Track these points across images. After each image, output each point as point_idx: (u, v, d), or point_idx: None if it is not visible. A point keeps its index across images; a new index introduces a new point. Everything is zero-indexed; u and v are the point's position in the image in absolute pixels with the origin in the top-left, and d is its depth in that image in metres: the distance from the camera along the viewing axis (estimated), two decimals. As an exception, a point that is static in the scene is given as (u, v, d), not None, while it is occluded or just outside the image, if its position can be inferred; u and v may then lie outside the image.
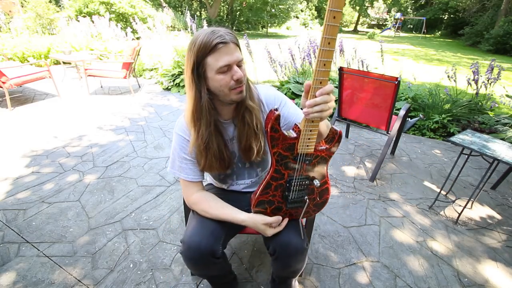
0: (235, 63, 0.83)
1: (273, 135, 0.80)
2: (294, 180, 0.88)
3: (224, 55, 0.81)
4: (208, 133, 0.91)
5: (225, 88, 0.85)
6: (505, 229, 1.81)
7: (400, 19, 21.84)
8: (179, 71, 4.64)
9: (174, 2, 17.70)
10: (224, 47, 0.80)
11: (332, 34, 0.64)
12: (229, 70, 0.83)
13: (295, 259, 0.98)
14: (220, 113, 0.97)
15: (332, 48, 0.66)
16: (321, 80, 0.69)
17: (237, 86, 0.86)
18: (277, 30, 21.16)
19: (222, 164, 0.98)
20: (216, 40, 0.79)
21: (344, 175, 2.36)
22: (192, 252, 0.92)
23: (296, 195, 0.91)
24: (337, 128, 0.86)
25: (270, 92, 1.03)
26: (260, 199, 0.91)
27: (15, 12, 9.67)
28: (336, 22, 0.62)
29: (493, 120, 3.20)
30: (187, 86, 0.88)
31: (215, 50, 0.80)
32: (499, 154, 1.59)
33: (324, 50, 0.65)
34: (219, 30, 0.81)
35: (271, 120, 0.78)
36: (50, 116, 3.37)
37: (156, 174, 2.26)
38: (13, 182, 2.07)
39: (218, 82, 0.84)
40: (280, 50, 4.58)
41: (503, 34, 11.81)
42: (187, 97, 0.90)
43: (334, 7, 0.61)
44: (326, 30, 0.63)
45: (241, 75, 0.84)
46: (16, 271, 1.38)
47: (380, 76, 2.08)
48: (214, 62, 0.81)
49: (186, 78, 0.87)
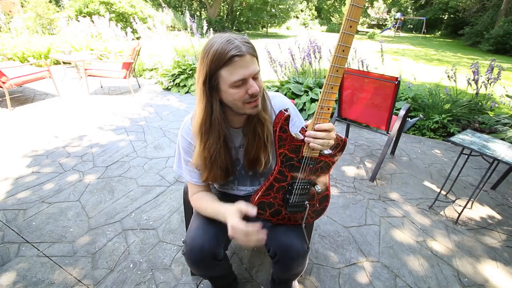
0: (250, 76, 0.78)
1: (281, 135, 0.80)
2: (296, 183, 0.87)
3: (240, 69, 0.75)
4: (217, 146, 0.87)
5: (238, 102, 0.80)
6: (505, 229, 1.81)
7: (400, 19, 21.82)
8: (179, 71, 4.64)
9: (174, 2, 17.70)
10: (240, 60, 0.74)
11: (347, 43, 0.68)
12: (244, 83, 0.78)
13: (296, 262, 0.96)
14: (230, 121, 0.93)
15: (346, 55, 0.70)
16: (332, 86, 0.74)
17: (252, 100, 0.81)
18: (277, 30, 21.16)
19: (226, 174, 0.96)
20: (231, 52, 0.73)
21: (344, 175, 2.36)
22: (194, 254, 0.92)
23: (297, 199, 0.91)
24: (342, 136, 0.85)
25: (283, 104, 0.98)
26: (262, 200, 0.90)
27: (15, 12, 9.67)
28: (352, 32, 0.67)
29: (493, 120, 3.20)
30: (198, 97, 0.83)
31: (229, 63, 0.74)
32: (499, 154, 1.59)
33: (338, 57, 0.70)
34: (235, 39, 0.75)
35: (281, 120, 0.78)
36: (50, 116, 3.37)
37: (156, 174, 2.26)
38: (13, 182, 2.07)
39: (231, 96, 0.79)
40: (280, 50, 4.58)
41: (503, 34, 11.80)
42: (197, 108, 0.85)
43: (352, 17, 0.65)
44: (341, 38, 0.67)
45: (257, 90, 0.79)
46: (16, 271, 1.38)
47: (380, 76, 2.08)
48: (229, 76, 0.75)
49: (197, 89, 0.82)
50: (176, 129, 3.15)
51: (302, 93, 3.73)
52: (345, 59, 0.70)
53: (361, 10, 0.65)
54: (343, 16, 8.67)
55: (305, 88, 3.74)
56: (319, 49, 4.08)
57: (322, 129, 0.76)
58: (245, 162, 0.99)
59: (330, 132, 0.77)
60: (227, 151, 0.93)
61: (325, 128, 0.76)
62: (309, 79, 3.94)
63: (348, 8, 0.64)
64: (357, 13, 0.65)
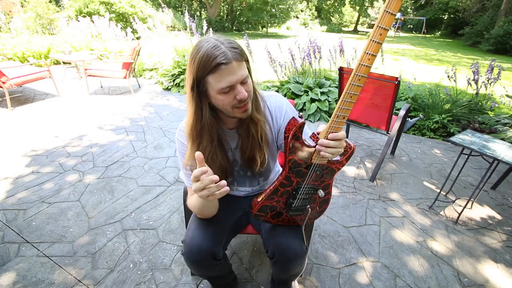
0: (238, 82, 0.76)
1: (294, 143, 0.78)
2: (301, 189, 0.87)
3: (226, 76, 0.73)
4: (212, 147, 0.87)
5: (228, 107, 0.80)
6: (505, 229, 1.81)
7: (400, 19, 21.83)
8: (179, 71, 4.64)
9: (174, 2, 17.70)
10: (226, 68, 0.72)
11: (374, 51, 0.64)
12: (232, 90, 0.77)
13: (295, 263, 0.96)
14: (224, 122, 0.93)
15: (370, 64, 0.66)
16: (352, 95, 0.70)
17: (241, 105, 0.80)
18: (277, 30, 21.16)
19: (224, 175, 0.95)
20: (217, 60, 0.71)
21: (344, 175, 2.36)
22: (193, 254, 0.92)
23: (300, 204, 0.91)
24: (351, 143, 0.83)
25: (278, 103, 0.97)
26: (265, 203, 0.90)
27: (15, 12, 9.67)
28: (381, 40, 0.62)
29: (493, 120, 3.20)
30: (187, 101, 0.82)
31: (215, 71, 0.72)
32: (499, 154, 1.59)
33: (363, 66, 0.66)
34: (221, 44, 0.73)
35: (295, 128, 0.76)
36: (50, 116, 3.37)
37: (156, 174, 2.26)
38: (13, 182, 2.07)
39: (220, 102, 0.79)
40: (280, 50, 4.57)
41: (503, 34, 11.80)
42: (187, 111, 0.84)
43: (384, 25, 0.60)
44: (369, 46, 0.63)
45: (245, 95, 0.77)
46: (16, 271, 1.38)
47: (380, 76, 2.08)
48: (215, 83, 0.75)
49: (187, 93, 0.81)
50: (176, 129, 3.14)
51: (302, 93, 3.73)
52: (369, 68, 0.66)
53: (394, 18, 0.61)
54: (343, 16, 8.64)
55: (305, 88, 3.74)
56: (319, 49, 4.08)
57: (337, 139, 0.73)
58: (242, 162, 0.98)
59: (342, 140, 0.75)
60: (223, 152, 0.93)
61: (339, 137, 0.73)
62: (309, 79, 3.94)
63: (381, 14, 0.60)
64: (389, 21, 0.60)
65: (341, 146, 0.75)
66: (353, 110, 2.68)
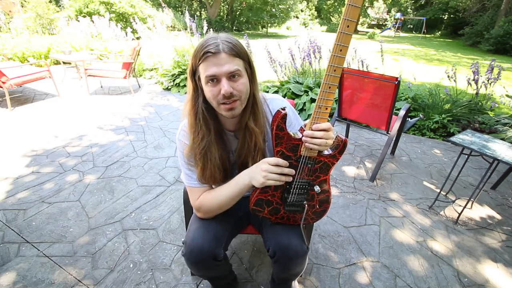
0: (224, 76, 0.76)
1: (278, 133, 0.80)
2: (294, 183, 0.87)
3: (212, 66, 0.75)
4: (207, 142, 0.88)
5: (214, 101, 0.81)
6: (505, 229, 1.81)
7: (400, 19, 21.83)
8: (179, 71, 4.64)
9: (174, 2, 17.70)
10: (212, 56, 0.74)
11: (345, 42, 0.69)
12: (218, 82, 0.77)
13: (295, 262, 0.96)
14: (223, 122, 0.94)
15: (343, 55, 0.70)
16: (330, 85, 0.74)
17: (227, 102, 0.79)
18: (277, 30, 21.15)
19: (224, 174, 0.96)
20: (206, 49, 0.74)
21: (344, 175, 2.36)
22: (194, 255, 0.92)
23: (295, 198, 0.90)
24: (342, 137, 0.84)
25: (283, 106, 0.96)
26: (259, 197, 0.90)
27: (15, 12, 9.67)
28: (350, 31, 0.67)
29: (493, 120, 3.20)
30: (187, 88, 0.87)
31: (204, 59, 0.75)
32: (499, 154, 1.59)
33: (335, 56, 0.70)
34: (217, 37, 0.77)
35: (278, 118, 0.79)
36: (50, 116, 3.37)
37: (156, 174, 2.26)
38: (13, 182, 2.07)
39: (207, 93, 0.80)
40: (280, 50, 4.58)
41: (503, 34, 11.80)
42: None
43: (350, 17, 0.66)
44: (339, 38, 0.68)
45: (228, 91, 0.76)
46: (16, 271, 1.38)
47: (380, 76, 2.08)
48: (203, 72, 0.77)
49: (187, 81, 0.86)
50: (176, 129, 3.15)
51: (302, 93, 3.73)
52: (343, 59, 0.70)
53: (359, 10, 0.65)
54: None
55: (305, 88, 3.74)
56: (319, 49, 4.08)
57: (320, 129, 0.75)
58: (237, 166, 0.99)
59: (328, 131, 0.76)
60: (222, 151, 0.93)
61: (322, 127, 0.75)
62: (309, 79, 3.94)
63: (345, 8, 0.65)
64: (354, 13, 0.65)
65: (328, 137, 0.76)
66: (353, 110, 2.69)
